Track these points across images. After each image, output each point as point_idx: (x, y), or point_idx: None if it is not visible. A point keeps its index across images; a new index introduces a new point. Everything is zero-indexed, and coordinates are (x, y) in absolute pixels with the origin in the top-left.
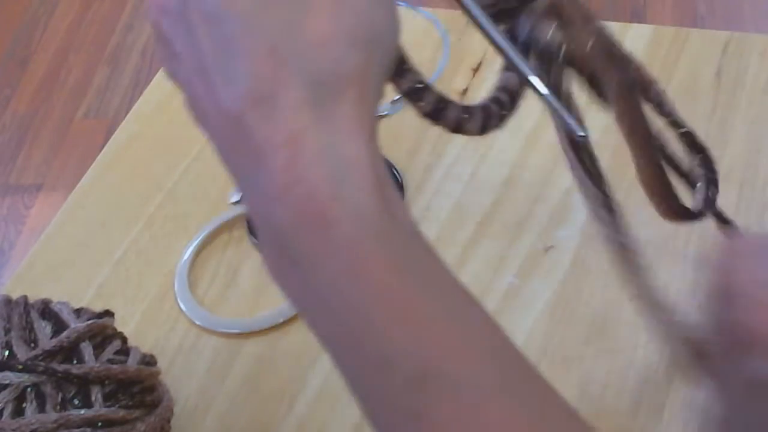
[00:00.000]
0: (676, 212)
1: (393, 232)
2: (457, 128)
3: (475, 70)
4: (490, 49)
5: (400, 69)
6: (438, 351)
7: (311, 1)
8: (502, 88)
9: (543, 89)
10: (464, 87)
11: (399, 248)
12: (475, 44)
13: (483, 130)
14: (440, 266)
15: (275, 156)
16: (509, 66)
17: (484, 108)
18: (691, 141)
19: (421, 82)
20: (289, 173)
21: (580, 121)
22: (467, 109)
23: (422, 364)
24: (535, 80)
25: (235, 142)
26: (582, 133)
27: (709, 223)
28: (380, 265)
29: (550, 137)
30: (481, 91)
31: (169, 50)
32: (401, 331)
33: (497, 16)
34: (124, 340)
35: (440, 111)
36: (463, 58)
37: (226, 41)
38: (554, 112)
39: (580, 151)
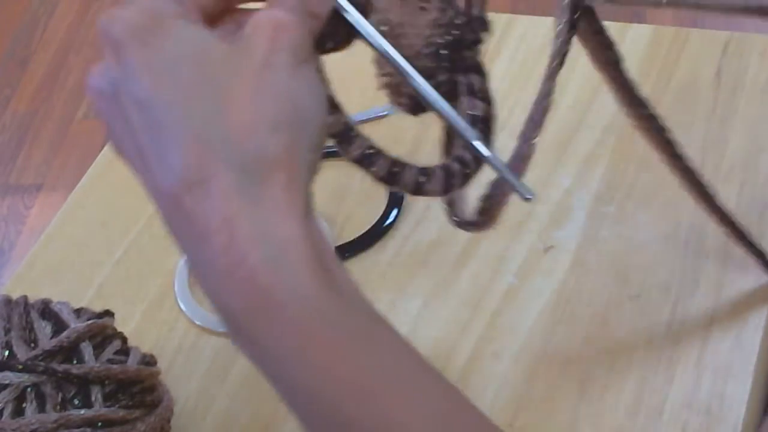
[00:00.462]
0: None
1: (335, 309)
2: (416, 190)
3: None
4: (491, 49)
5: (347, 136)
6: (390, 421)
7: (232, 89)
8: (465, 146)
9: (486, 152)
10: None
11: (343, 324)
12: None
13: (445, 190)
14: (387, 332)
15: (213, 240)
16: (450, 130)
17: (444, 168)
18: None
19: (371, 148)
20: (228, 257)
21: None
22: (425, 171)
23: None
24: (478, 144)
25: (176, 221)
26: (530, 196)
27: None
28: (325, 345)
29: (550, 137)
30: None
31: (110, 131)
32: (352, 406)
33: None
34: (124, 340)
35: (395, 175)
36: None
37: (156, 127)
38: (500, 176)
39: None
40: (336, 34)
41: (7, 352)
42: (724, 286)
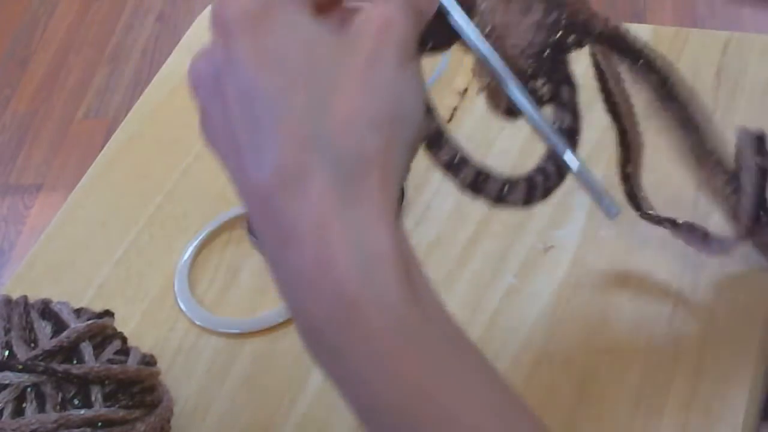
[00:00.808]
0: None
1: (419, 323)
2: (498, 200)
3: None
4: None
5: (437, 141)
6: None
7: (337, 83)
8: (549, 157)
9: (576, 166)
10: (464, 87)
11: (426, 338)
12: None
13: (526, 202)
14: (468, 347)
15: (303, 242)
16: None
17: (528, 179)
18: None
19: (460, 154)
20: (317, 262)
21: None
22: (509, 181)
23: None
24: (569, 158)
25: (265, 218)
26: (616, 212)
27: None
28: (408, 359)
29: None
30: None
31: (205, 119)
32: (430, 422)
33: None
34: (124, 340)
35: (480, 183)
36: (463, 59)
37: (256, 117)
38: (592, 192)
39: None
40: (438, 34)
41: (7, 352)
42: (724, 286)
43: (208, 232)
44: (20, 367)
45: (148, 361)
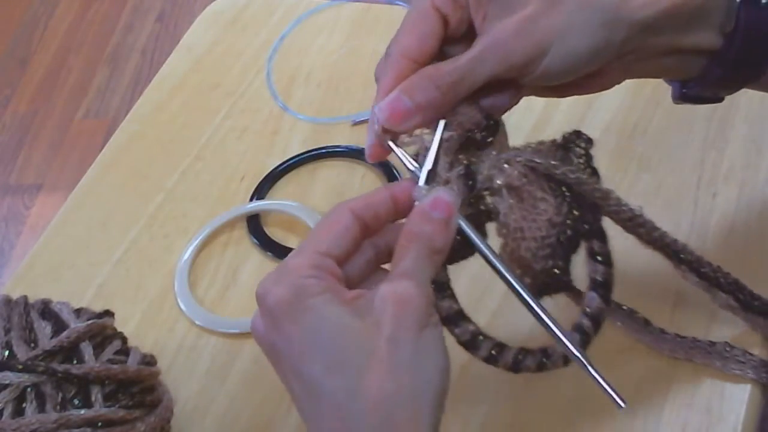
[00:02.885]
0: None
1: None
2: (515, 368)
3: None
4: None
5: (475, 343)
6: None
7: (365, 365)
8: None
9: (586, 365)
10: None
11: None
12: None
13: (540, 368)
14: None
15: None
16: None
17: (542, 350)
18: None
19: (497, 347)
20: None
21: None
22: (523, 351)
23: None
24: (577, 356)
25: None
26: (623, 406)
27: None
28: None
29: (550, 138)
30: None
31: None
32: None
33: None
34: (124, 340)
35: (497, 356)
36: None
37: (307, 392)
38: (599, 385)
39: None
40: (462, 251)
41: (7, 352)
42: None
43: (208, 232)
44: (20, 367)
45: (148, 361)
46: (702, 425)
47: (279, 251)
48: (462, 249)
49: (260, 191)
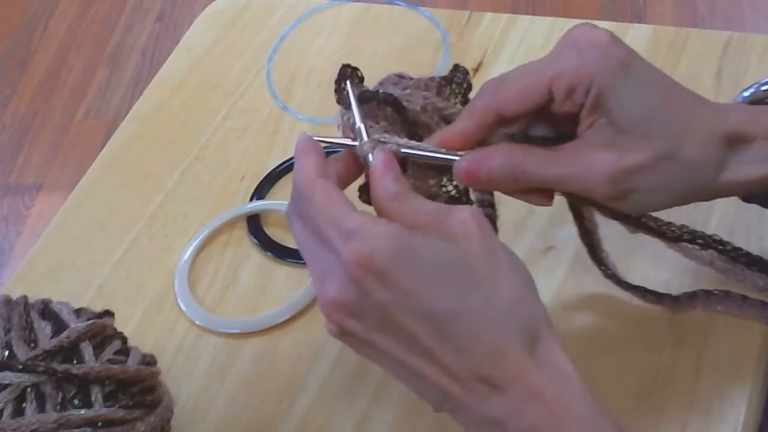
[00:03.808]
0: None
1: (604, 422)
2: None
3: (475, 70)
4: (490, 49)
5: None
6: None
7: (485, 277)
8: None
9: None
10: None
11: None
12: (475, 44)
13: None
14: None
15: (509, 392)
16: None
17: None
18: None
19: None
20: (526, 400)
21: None
22: None
23: None
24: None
25: (471, 392)
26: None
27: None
28: None
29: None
30: None
31: (372, 350)
32: None
33: None
34: (124, 340)
35: None
36: (463, 58)
37: (445, 329)
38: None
39: None
40: None
41: (7, 352)
42: (725, 286)
43: (208, 232)
44: (20, 367)
45: (148, 361)
46: (702, 425)
47: (279, 251)
48: None
49: (260, 191)
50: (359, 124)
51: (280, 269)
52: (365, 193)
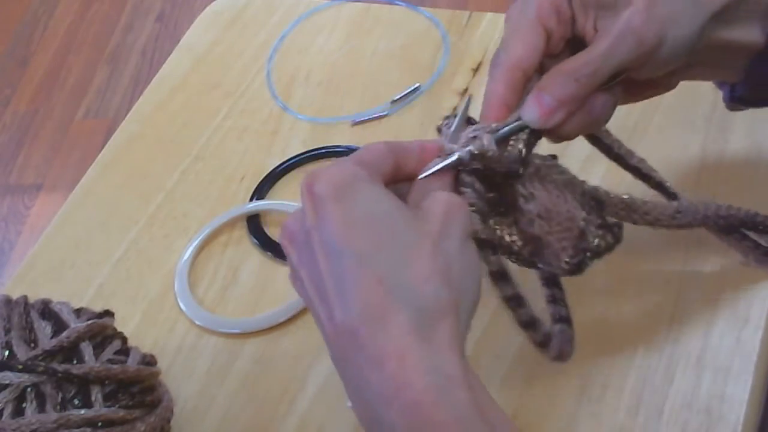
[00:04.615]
0: None
1: (482, 427)
2: (542, 345)
3: (475, 70)
4: (490, 49)
5: (502, 277)
6: None
7: (413, 246)
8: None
9: None
10: (464, 87)
11: None
12: (475, 44)
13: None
14: None
15: (385, 365)
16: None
17: (561, 331)
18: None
19: (518, 293)
20: (397, 380)
21: None
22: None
23: None
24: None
25: (348, 351)
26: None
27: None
28: None
29: None
30: (481, 91)
31: (295, 272)
32: None
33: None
34: (124, 340)
35: (530, 325)
36: (463, 58)
37: (343, 271)
38: None
39: None
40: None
41: (7, 352)
42: (724, 286)
43: (208, 232)
44: (20, 367)
45: (148, 361)
46: (702, 425)
47: (279, 251)
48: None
49: (260, 191)
50: (456, 122)
51: (280, 269)
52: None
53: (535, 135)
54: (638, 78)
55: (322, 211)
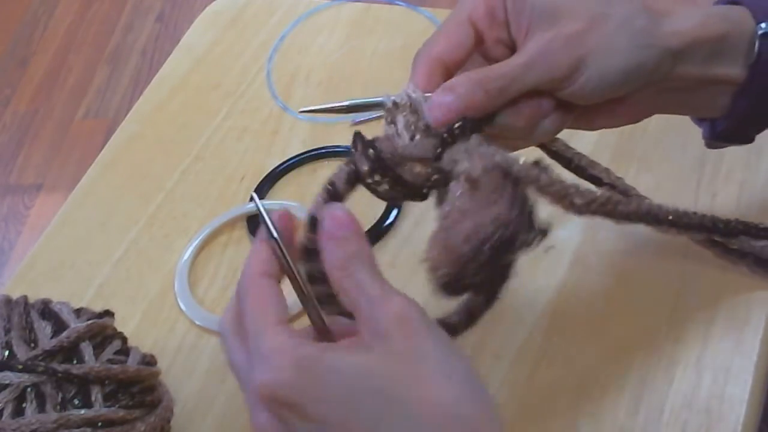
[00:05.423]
0: None
1: None
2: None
3: None
4: None
5: None
6: None
7: (417, 393)
8: None
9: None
10: None
11: None
12: None
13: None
14: None
15: None
16: None
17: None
18: None
19: None
20: None
21: None
22: None
23: None
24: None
25: None
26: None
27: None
28: None
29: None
30: None
31: None
32: None
33: None
34: (124, 340)
35: None
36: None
37: None
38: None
39: None
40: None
41: (7, 352)
42: (725, 286)
43: (208, 232)
44: (20, 367)
45: (148, 361)
46: (702, 425)
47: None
48: None
49: (260, 191)
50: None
51: None
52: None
53: (467, 127)
54: (574, 102)
55: (310, 415)
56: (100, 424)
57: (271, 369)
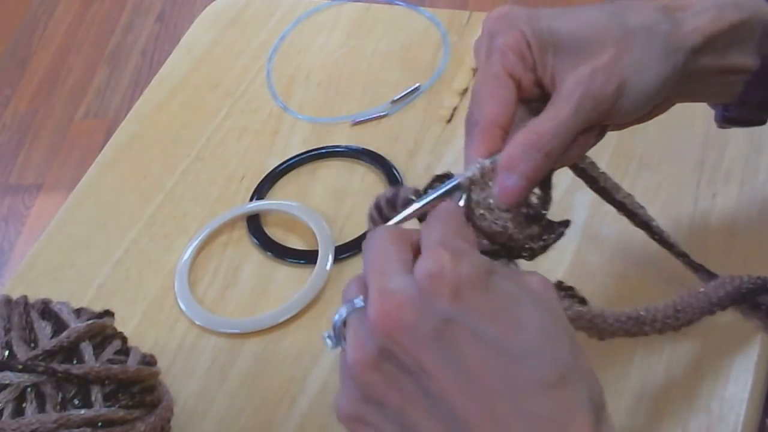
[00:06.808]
0: None
1: None
2: None
3: (475, 70)
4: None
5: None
6: None
7: (561, 330)
8: None
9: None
10: (464, 87)
11: None
12: None
13: None
14: None
15: None
16: None
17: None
18: None
19: None
20: None
21: None
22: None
23: None
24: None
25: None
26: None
27: None
28: None
29: None
30: None
31: (410, 377)
32: None
33: None
34: (124, 340)
35: None
36: (463, 58)
37: (511, 367)
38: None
39: None
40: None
41: (7, 352)
42: None
43: (208, 232)
44: (20, 367)
45: (148, 361)
46: (702, 425)
47: (279, 251)
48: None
49: (260, 191)
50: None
51: (280, 269)
52: None
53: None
54: (615, 123)
55: (465, 302)
56: (100, 424)
57: (460, 259)
